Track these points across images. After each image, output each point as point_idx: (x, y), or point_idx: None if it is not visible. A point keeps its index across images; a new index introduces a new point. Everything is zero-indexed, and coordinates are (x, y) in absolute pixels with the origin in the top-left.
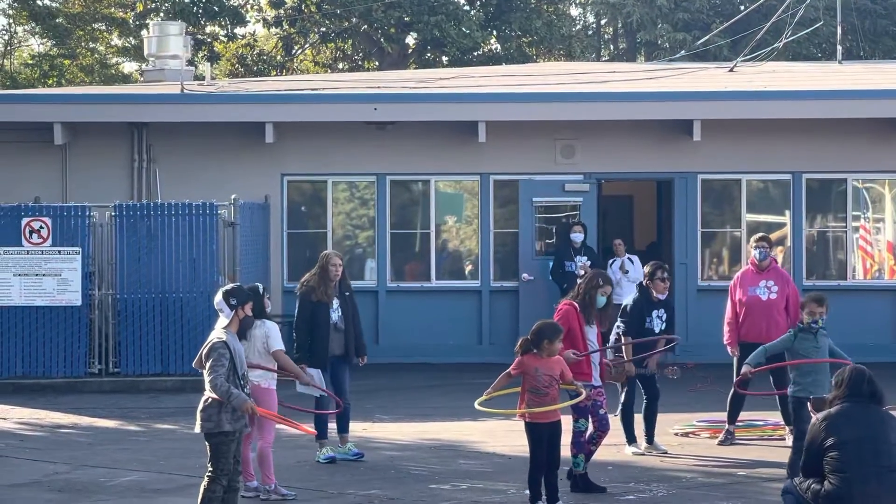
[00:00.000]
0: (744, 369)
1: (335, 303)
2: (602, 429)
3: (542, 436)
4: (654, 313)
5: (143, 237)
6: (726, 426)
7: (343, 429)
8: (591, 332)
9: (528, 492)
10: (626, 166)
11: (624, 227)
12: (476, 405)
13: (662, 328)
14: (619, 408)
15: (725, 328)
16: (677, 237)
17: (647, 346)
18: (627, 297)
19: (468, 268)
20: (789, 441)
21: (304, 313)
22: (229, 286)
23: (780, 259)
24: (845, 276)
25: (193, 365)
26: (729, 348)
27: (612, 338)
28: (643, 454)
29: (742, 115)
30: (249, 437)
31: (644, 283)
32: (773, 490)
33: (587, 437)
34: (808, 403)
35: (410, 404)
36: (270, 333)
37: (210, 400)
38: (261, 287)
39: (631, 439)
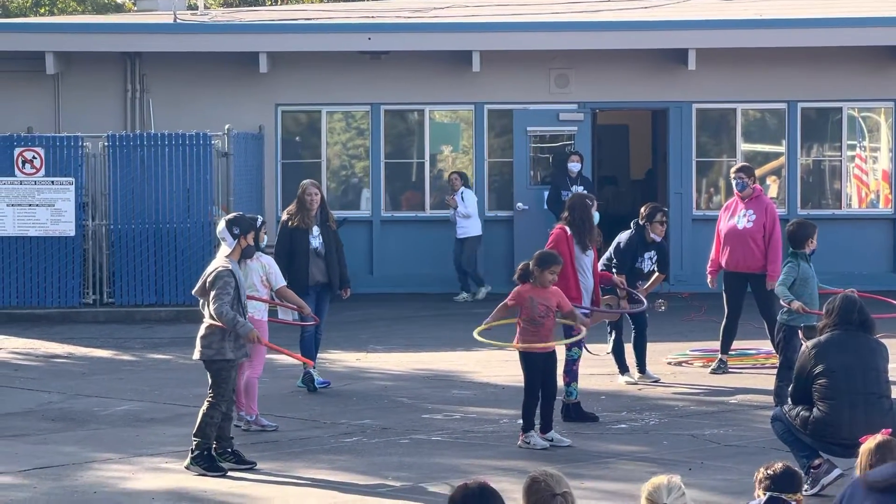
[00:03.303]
0: (795, 305)
1: (315, 230)
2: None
3: (537, 365)
4: (647, 255)
5: (136, 168)
6: (719, 355)
7: (311, 357)
8: (588, 259)
9: (520, 421)
10: (621, 96)
11: (619, 156)
12: (475, 335)
13: (652, 269)
14: (611, 344)
15: (710, 257)
16: (672, 167)
17: (635, 282)
18: (622, 234)
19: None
20: None
21: (282, 240)
22: (232, 215)
23: (774, 189)
24: (840, 206)
25: (194, 293)
26: (709, 277)
27: (600, 266)
28: (635, 383)
29: (737, 44)
30: (243, 366)
31: (640, 223)
32: (763, 417)
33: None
34: (799, 331)
35: (404, 334)
36: (272, 269)
37: (212, 327)
38: (259, 220)
39: (623, 370)
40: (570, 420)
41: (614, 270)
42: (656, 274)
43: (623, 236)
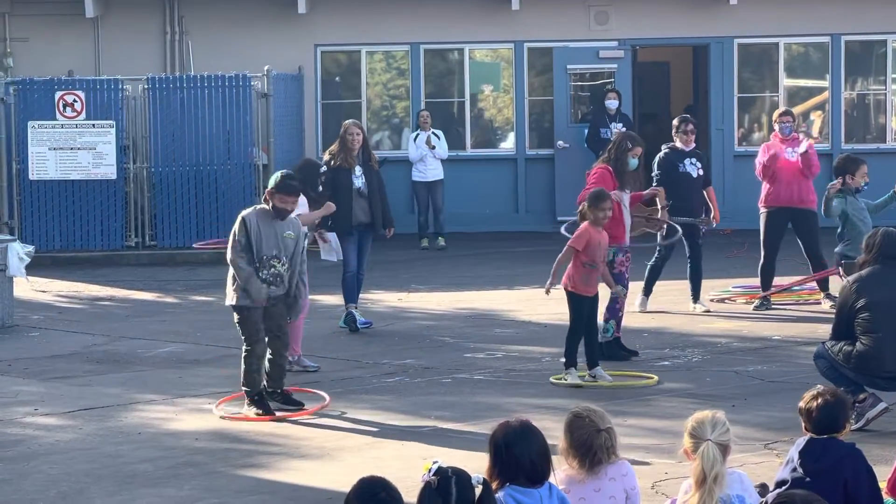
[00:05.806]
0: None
1: (358, 170)
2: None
3: (585, 306)
4: (687, 160)
5: (176, 110)
6: (761, 292)
7: (351, 299)
8: (626, 197)
9: (563, 359)
10: (661, 32)
11: (661, 93)
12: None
13: (700, 173)
14: (651, 263)
15: (764, 193)
16: (713, 103)
17: (683, 212)
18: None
19: (504, 136)
20: (825, 306)
21: (325, 181)
22: (282, 172)
23: (818, 123)
24: (885, 139)
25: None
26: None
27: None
28: (646, 311)
29: None
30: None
31: (673, 137)
32: (806, 354)
33: (620, 304)
34: (840, 268)
35: (446, 274)
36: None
37: (231, 273)
38: (323, 168)
39: (647, 291)
40: (606, 357)
41: (655, 184)
42: (708, 188)
43: (658, 155)
